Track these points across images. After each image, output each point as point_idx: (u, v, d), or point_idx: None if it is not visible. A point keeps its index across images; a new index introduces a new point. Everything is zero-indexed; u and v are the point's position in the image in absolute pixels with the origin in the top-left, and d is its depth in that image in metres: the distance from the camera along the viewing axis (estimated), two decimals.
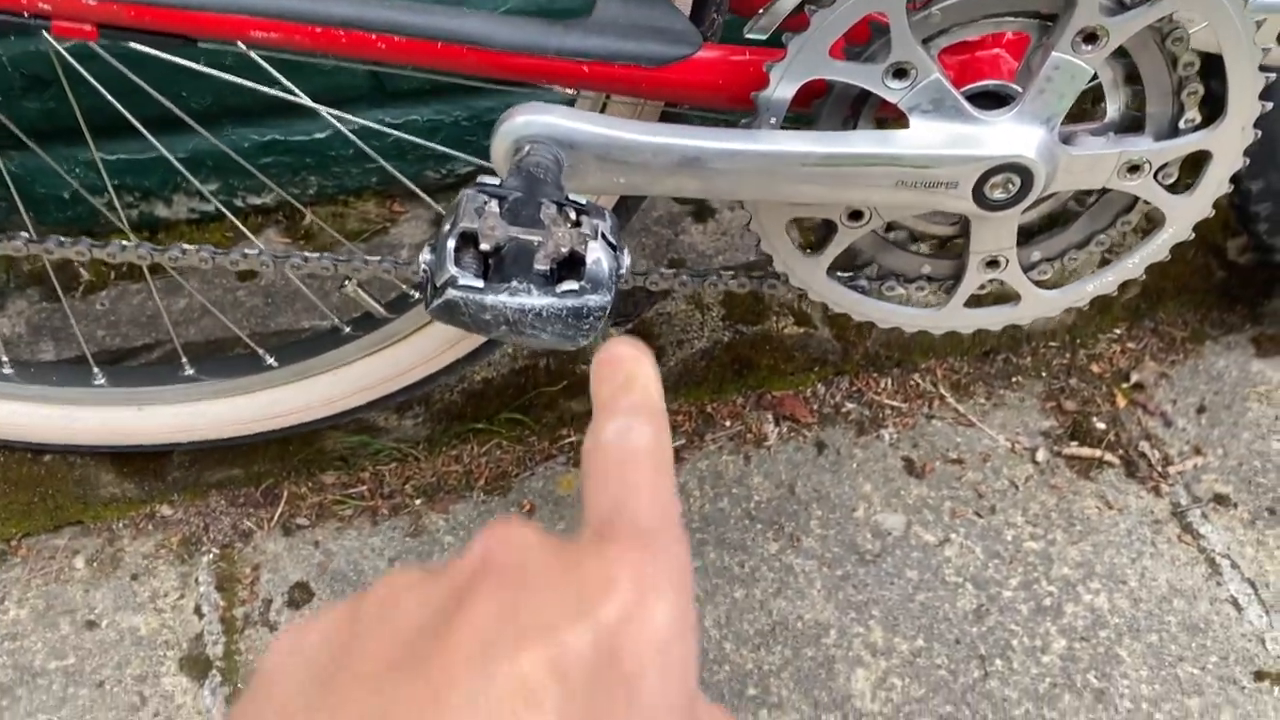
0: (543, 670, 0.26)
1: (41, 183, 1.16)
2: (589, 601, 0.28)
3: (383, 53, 0.65)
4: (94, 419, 0.99)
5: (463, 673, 0.26)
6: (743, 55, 0.68)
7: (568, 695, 0.26)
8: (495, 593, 0.29)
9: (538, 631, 0.27)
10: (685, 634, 0.29)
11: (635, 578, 0.29)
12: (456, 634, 0.27)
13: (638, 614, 0.28)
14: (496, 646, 0.27)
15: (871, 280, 0.81)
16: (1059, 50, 0.65)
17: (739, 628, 1.01)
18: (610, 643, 0.27)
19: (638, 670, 0.27)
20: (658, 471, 0.32)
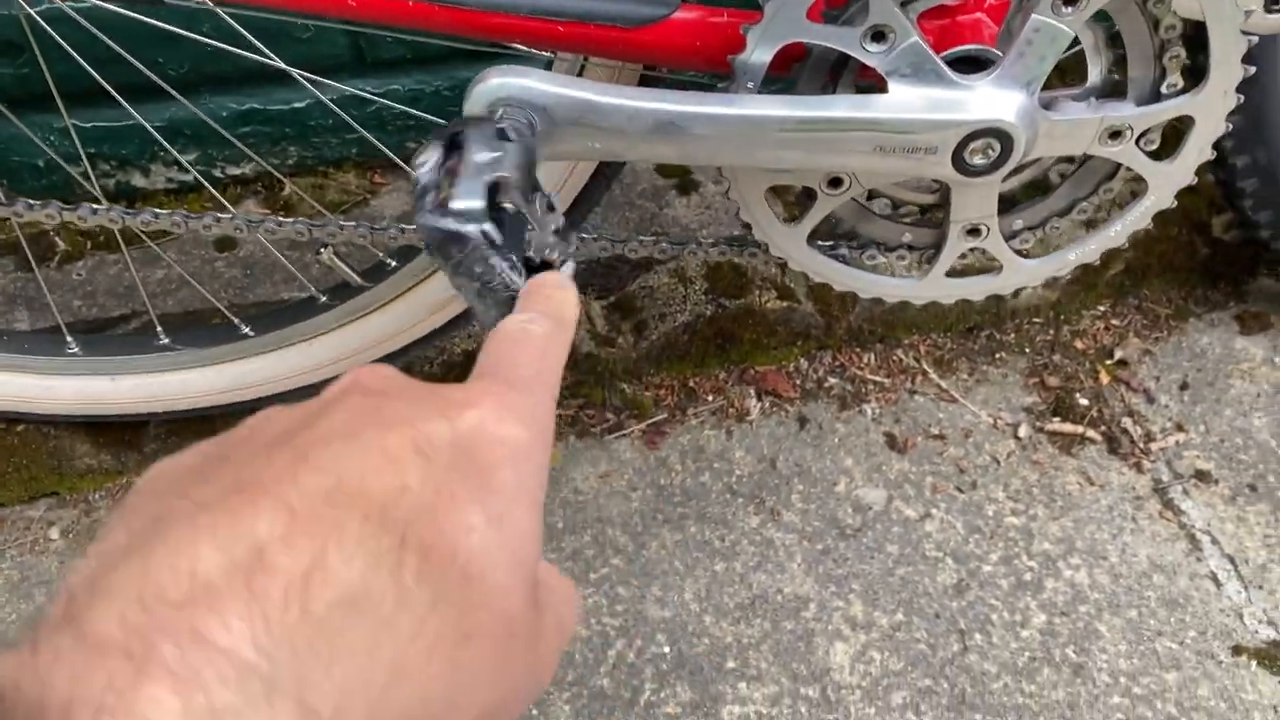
0: (405, 445, 0.29)
1: (16, 151, 1.14)
2: (448, 410, 0.30)
3: (354, 11, 0.64)
4: (68, 389, 0.98)
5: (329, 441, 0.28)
6: (720, 17, 0.67)
7: (427, 468, 0.28)
8: (362, 398, 0.31)
9: (399, 421, 0.29)
10: (537, 459, 0.32)
11: (496, 404, 0.32)
12: (324, 423, 0.29)
13: (493, 425, 0.31)
14: (362, 428, 0.29)
15: (852, 249, 0.81)
16: (1039, 12, 0.64)
17: (719, 601, 1.01)
18: (467, 441, 0.30)
19: (492, 464, 0.30)
20: (544, 354, 0.37)
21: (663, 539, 1.05)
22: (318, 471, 0.27)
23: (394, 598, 0.26)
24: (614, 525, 1.07)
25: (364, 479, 0.27)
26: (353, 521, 0.26)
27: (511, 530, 0.29)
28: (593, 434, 1.15)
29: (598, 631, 0.98)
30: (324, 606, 0.25)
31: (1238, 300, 1.28)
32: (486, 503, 0.29)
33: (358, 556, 0.26)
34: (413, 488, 0.28)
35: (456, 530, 0.28)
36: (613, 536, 1.06)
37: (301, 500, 0.26)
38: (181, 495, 0.27)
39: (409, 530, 0.27)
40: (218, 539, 0.25)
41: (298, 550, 0.25)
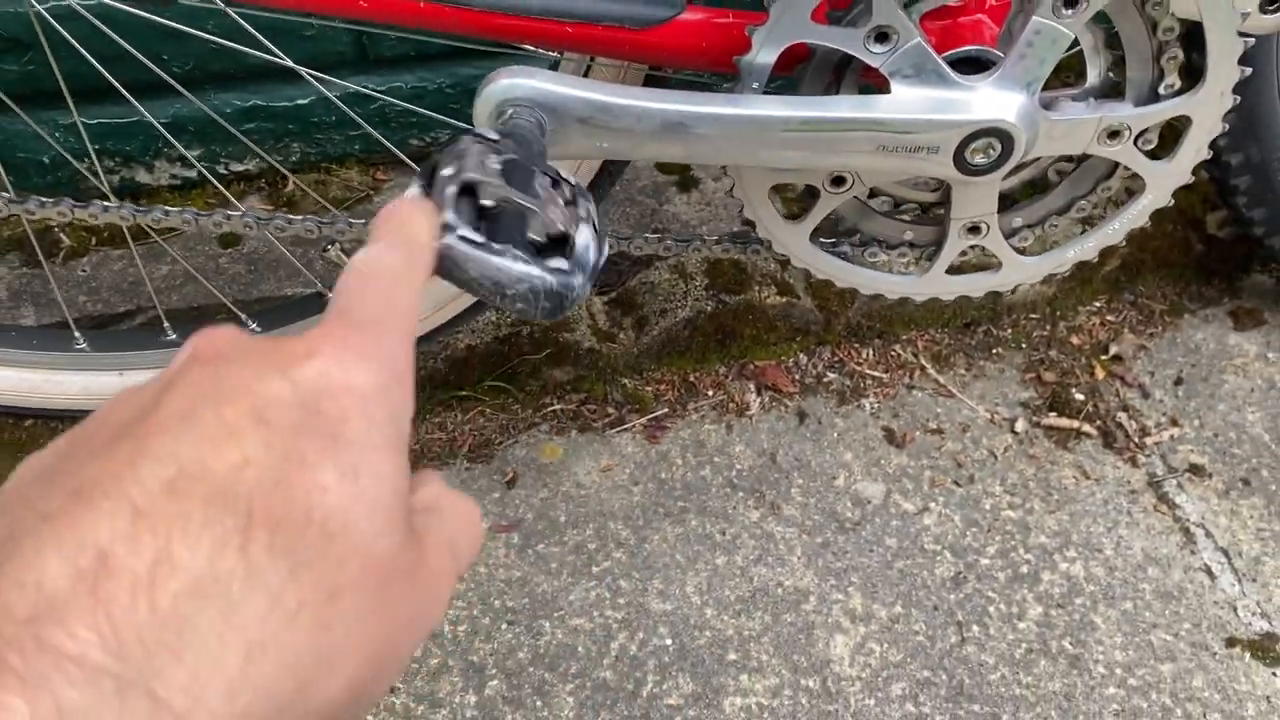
0: (244, 416, 0.28)
1: (22, 147, 1.15)
2: (288, 366, 0.30)
3: (365, 10, 0.65)
4: (76, 384, 0.98)
5: (167, 426, 0.28)
6: (726, 18, 0.68)
7: (269, 434, 0.28)
8: (200, 370, 0.30)
9: (237, 389, 0.29)
10: (388, 398, 0.31)
11: (337, 349, 0.31)
12: (163, 406, 0.29)
13: (338, 374, 0.30)
14: (199, 405, 0.29)
15: (854, 247, 0.82)
16: (1040, 15, 0.65)
17: (720, 594, 1.02)
18: (311, 397, 0.29)
19: (340, 416, 0.30)
20: (394, 285, 0.36)
21: (664, 533, 1.07)
22: (157, 461, 0.27)
23: (242, 576, 0.26)
24: (616, 519, 1.08)
25: (204, 461, 0.27)
26: (196, 508, 0.26)
27: (369, 478, 0.29)
28: (594, 428, 1.16)
29: (600, 624, 0.99)
30: (170, 599, 0.25)
31: (1232, 296, 1.30)
32: (338, 457, 0.29)
33: (203, 542, 0.26)
34: (256, 459, 0.28)
35: (309, 492, 0.28)
36: (614, 530, 1.07)
37: (143, 495, 0.26)
38: (28, 507, 0.27)
39: (255, 504, 0.27)
40: (61, 549, 0.25)
41: (142, 547, 0.25)
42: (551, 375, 1.18)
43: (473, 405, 1.16)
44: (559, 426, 1.16)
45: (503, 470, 1.12)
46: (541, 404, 1.18)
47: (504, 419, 1.17)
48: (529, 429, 1.16)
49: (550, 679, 0.96)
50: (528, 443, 1.15)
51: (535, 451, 1.14)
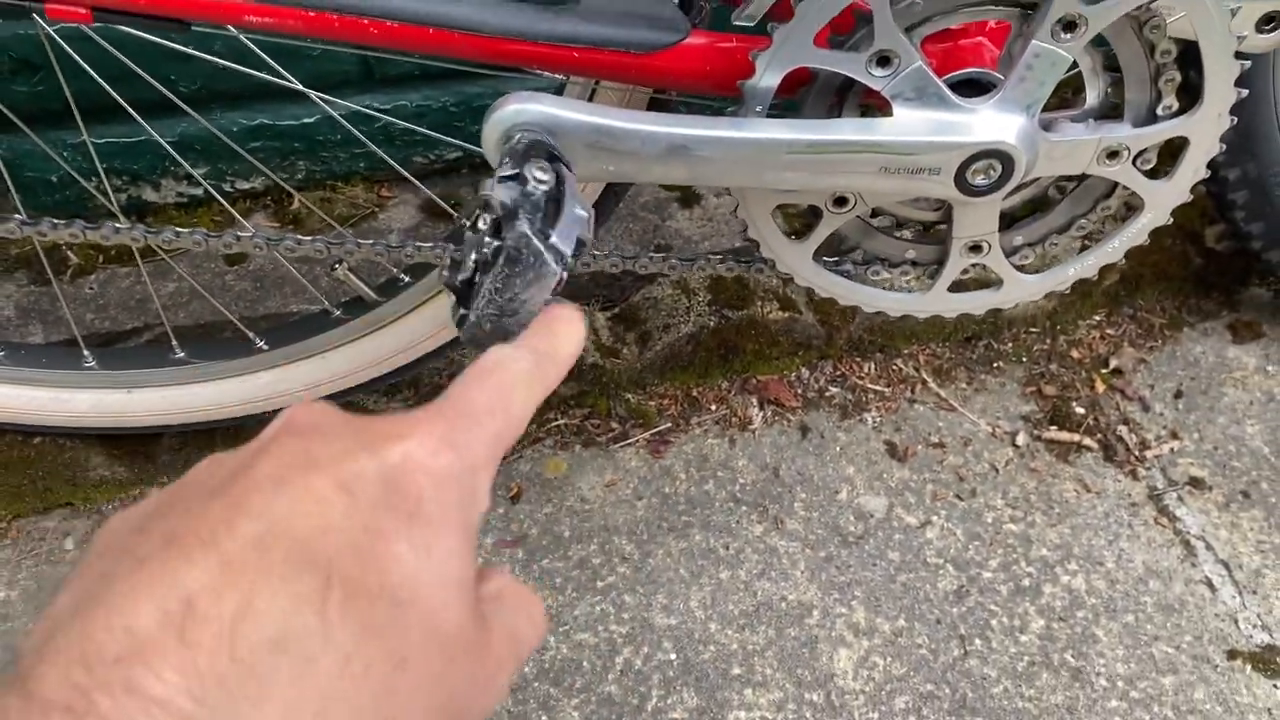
0: (331, 486, 0.30)
1: (30, 166, 1.16)
2: (376, 445, 0.32)
3: (375, 38, 0.66)
4: (85, 401, 0.99)
5: (261, 487, 0.30)
6: (730, 43, 0.69)
7: (353, 506, 0.30)
8: (292, 440, 0.32)
9: (328, 461, 0.31)
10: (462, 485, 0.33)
11: (425, 434, 0.33)
12: (257, 469, 0.31)
13: (421, 457, 0.32)
14: (291, 471, 0.30)
15: (857, 265, 0.83)
16: (1039, 38, 0.66)
17: (724, 609, 1.02)
18: (394, 476, 0.31)
19: (418, 496, 0.31)
20: (509, 387, 0.37)
21: (668, 547, 1.07)
22: (249, 518, 0.29)
23: (319, 633, 0.27)
24: (620, 534, 1.08)
25: (291, 522, 0.29)
26: (279, 564, 0.28)
27: (439, 555, 0.31)
28: (598, 443, 1.17)
29: (605, 639, 1.00)
30: (251, 649, 0.26)
31: (1230, 309, 1.31)
32: (413, 533, 0.31)
33: (283, 598, 0.27)
34: (337, 526, 0.29)
35: (383, 562, 0.30)
36: (619, 545, 1.07)
37: (232, 547, 0.28)
38: (125, 551, 0.29)
39: (334, 567, 0.28)
40: (152, 593, 0.27)
41: (226, 597, 0.27)
42: (556, 391, 1.18)
43: None
44: (563, 441, 1.17)
45: (507, 486, 1.12)
46: (545, 419, 1.19)
47: None
48: (533, 444, 1.17)
49: (555, 694, 0.96)
50: (532, 458, 1.16)
51: (540, 466, 1.15)
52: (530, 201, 0.51)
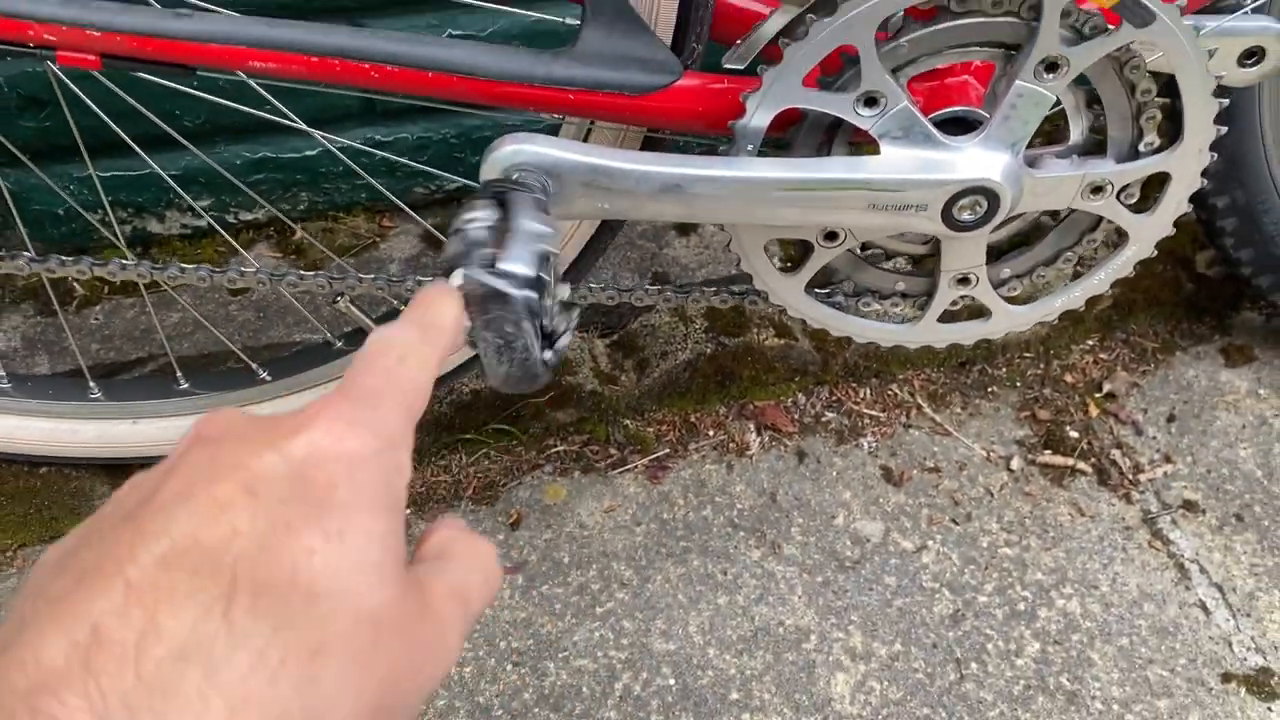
0: (235, 490, 0.31)
1: (37, 200, 1.18)
2: (280, 440, 0.33)
3: (376, 81, 0.68)
4: (91, 432, 1.01)
5: (165, 506, 0.31)
6: (721, 84, 0.71)
7: (257, 505, 0.31)
8: (200, 451, 0.33)
9: (231, 466, 0.32)
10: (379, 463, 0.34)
11: (329, 420, 0.34)
12: (165, 488, 0.32)
13: (327, 443, 0.33)
14: (195, 484, 0.31)
15: (848, 297, 0.84)
16: (1022, 79, 0.68)
17: (722, 633, 1.03)
18: (301, 467, 0.32)
19: (328, 483, 0.32)
20: (399, 361, 0.38)
21: (666, 573, 1.08)
22: (153, 539, 0.29)
23: (225, 638, 0.28)
24: (619, 559, 1.10)
25: (195, 534, 0.29)
26: (184, 579, 0.28)
27: (355, 540, 0.31)
28: (597, 469, 1.18)
29: (604, 664, 1.01)
30: (155, 665, 0.27)
31: (1222, 334, 1.32)
32: (324, 522, 0.31)
33: (186, 610, 0.28)
34: (244, 530, 0.30)
35: (295, 556, 0.30)
36: (618, 571, 1.09)
37: (136, 572, 0.28)
38: (42, 592, 0.30)
39: (239, 571, 0.29)
40: (61, 626, 0.28)
41: (131, 620, 0.27)
42: (555, 417, 1.20)
43: (477, 448, 1.18)
44: (562, 468, 1.18)
45: (507, 512, 1.14)
46: (545, 446, 1.20)
47: (508, 461, 1.19)
48: (533, 470, 1.18)
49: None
50: (531, 484, 1.17)
51: (539, 493, 1.16)
52: (470, 244, 0.52)
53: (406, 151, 1.23)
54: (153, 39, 0.65)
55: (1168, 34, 0.65)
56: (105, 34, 0.65)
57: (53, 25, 0.65)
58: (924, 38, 0.68)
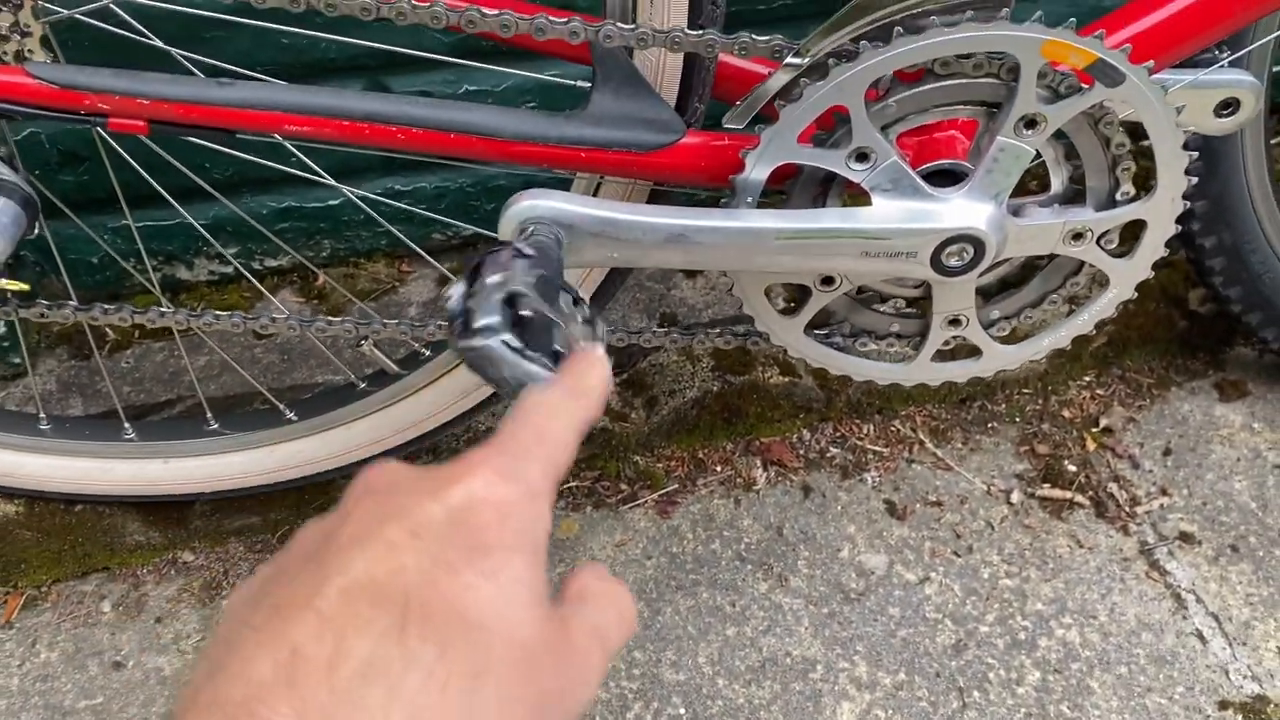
0: (403, 535, 0.36)
1: (74, 249, 1.24)
2: (439, 490, 0.38)
3: (401, 142, 0.73)
4: (125, 471, 1.05)
5: (344, 548, 0.36)
6: (722, 141, 0.76)
7: (421, 546, 0.36)
8: (370, 501, 0.39)
9: (399, 513, 0.37)
10: (523, 511, 0.38)
11: (484, 472, 0.38)
12: (339, 534, 0.37)
13: (481, 492, 0.38)
14: (368, 529, 0.37)
15: (845, 337, 0.89)
16: (1003, 135, 0.73)
17: (731, 664, 1.07)
18: (459, 514, 0.37)
19: (482, 526, 0.37)
20: (548, 419, 0.43)
21: (676, 605, 1.12)
22: (336, 576, 0.35)
23: (400, 659, 0.33)
24: (630, 592, 1.13)
25: (371, 572, 0.35)
26: (364, 609, 0.34)
27: (506, 579, 0.36)
28: (608, 504, 1.22)
29: (616, 695, 1.04)
30: (345, 681, 0.32)
31: (1216, 369, 1.36)
32: (479, 562, 0.36)
33: (367, 635, 0.33)
34: (410, 566, 0.35)
35: (455, 590, 0.35)
36: None
37: (325, 604, 0.34)
38: (243, 623, 0.35)
39: (409, 601, 0.34)
40: (266, 649, 0.33)
41: (324, 643, 0.33)
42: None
43: None
44: (574, 503, 1.22)
45: None
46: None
47: None
48: None
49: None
50: None
51: (552, 528, 1.20)
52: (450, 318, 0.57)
53: (425, 200, 1.29)
54: (198, 106, 0.71)
55: (1137, 93, 0.70)
56: (154, 102, 0.70)
57: (106, 95, 0.70)
58: (911, 98, 0.73)
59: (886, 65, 0.69)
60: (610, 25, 0.71)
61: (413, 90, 1.19)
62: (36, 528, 1.12)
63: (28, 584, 1.15)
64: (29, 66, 0.71)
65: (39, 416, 1.05)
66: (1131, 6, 0.77)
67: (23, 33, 0.73)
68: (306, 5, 0.68)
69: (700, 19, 0.74)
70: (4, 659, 1.09)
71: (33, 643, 1.10)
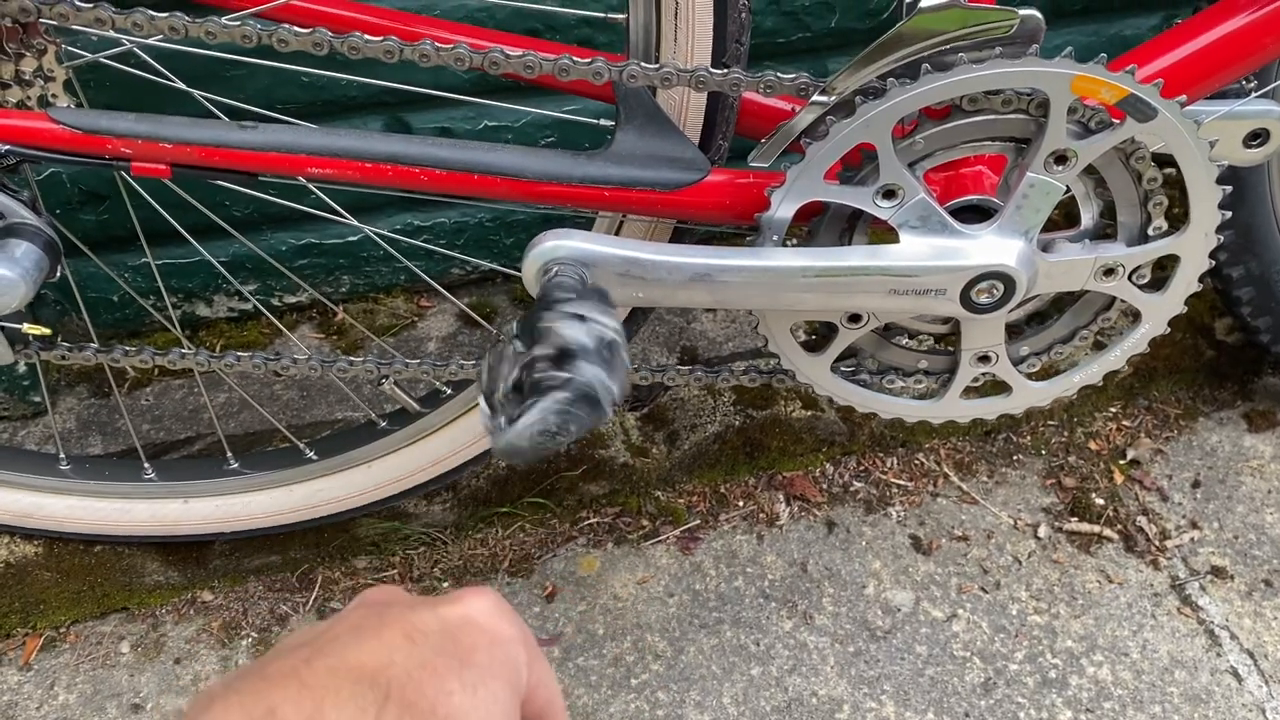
0: (398, 635, 0.38)
1: (93, 287, 1.24)
2: (439, 606, 0.40)
3: (425, 183, 0.73)
4: (144, 512, 1.05)
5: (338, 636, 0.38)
6: (747, 179, 0.75)
7: (415, 649, 0.37)
8: (369, 608, 0.41)
9: (398, 618, 0.39)
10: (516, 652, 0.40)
11: (486, 603, 0.41)
12: (337, 626, 0.39)
13: (479, 618, 0.40)
14: (366, 625, 0.39)
15: (872, 374, 0.88)
16: (1033, 170, 0.72)
17: (756, 704, 1.05)
18: (453, 629, 0.39)
19: (472, 646, 0.39)
20: None
21: (700, 644, 1.10)
22: (326, 655, 0.36)
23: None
24: (653, 631, 1.12)
25: (359, 658, 0.36)
26: (347, 685, 0.35)
27: (484, 696, 0.38)
28: (630, 541, 1.21)
29: None
30: None
31: (1245, 399, 1.34)
32: (463, 675, 0.37)
33: (347, 706, 0.34)
34: (400, 662, 0.37)
35: (437, 693, 0.36)
36: (652, 642, 1.11)
37: (310, 675, 0.35)
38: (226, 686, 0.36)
39: (391, 689, 0.35)
40: (244, 706, 0.34)
41: (302, 705, 0.34)
42: (588, 490, 1.23)
43: (513, 521, 1.21)
44: (596, 540, 1.21)
45: (542, 585, 1.16)
46: (579, 518, 1.23)
47: (543, 533, 1.22)
48: (567, 543, 1.21)
49: None
50: (566, 556, 1.20)
51: (573, 565, 1.19)
52: (599, 344, 0.56)
53: (444, 235, 1.28)
54: (220, 150, 0.71)
55: (1169, 128, 0.69)
56: (177, 146, 0.70)
57: (129, 140, 0.70)
58: (939, 134, 0.72)
59: (914, 102, 0.68)
60: (634, 65, 0.70)
61: (434, 126, 1.19)
62: (56, 568, 1.12)
63: (46, 625, 1.14)
64: (52, 112, 0.71)
65: (59, 456, 1.05)
66: (1161, 39, 0.77)
67: (46, 78, 0.73)
68: (330, 48, 0.68)
69: (724, 57, 0.74)
70: (23, 701, 1.08)
71: (51, 684, 1.09)
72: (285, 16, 0.76)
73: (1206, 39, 0.75)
